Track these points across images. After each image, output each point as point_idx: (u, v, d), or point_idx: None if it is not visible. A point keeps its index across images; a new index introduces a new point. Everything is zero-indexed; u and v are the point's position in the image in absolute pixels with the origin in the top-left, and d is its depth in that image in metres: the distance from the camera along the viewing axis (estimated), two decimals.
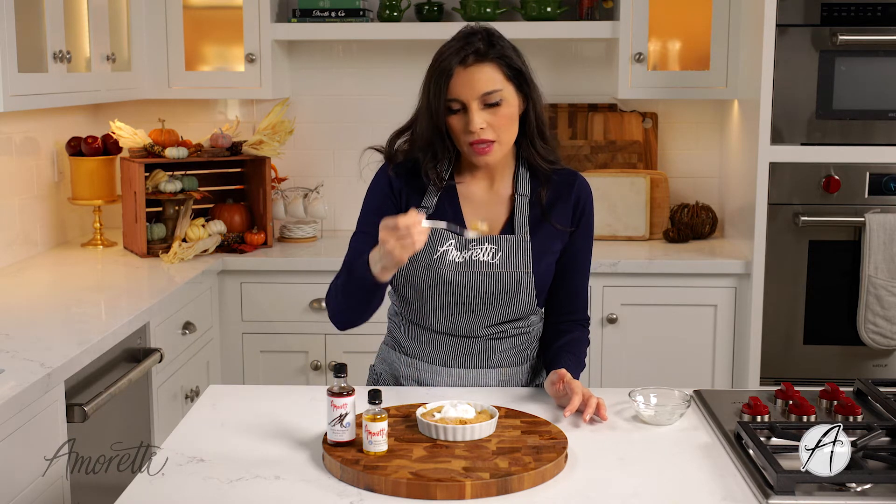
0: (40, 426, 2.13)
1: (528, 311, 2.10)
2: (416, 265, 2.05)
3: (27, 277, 3.14)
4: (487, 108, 1.98)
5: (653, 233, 3.74)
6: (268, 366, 3.47)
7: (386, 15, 3.69)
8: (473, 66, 1.97)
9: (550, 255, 2.09)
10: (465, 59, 1.96)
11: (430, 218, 2.04)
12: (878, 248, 3.20)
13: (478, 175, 2.11)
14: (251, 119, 3.96)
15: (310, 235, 3.76)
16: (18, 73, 2.70)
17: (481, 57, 1.97)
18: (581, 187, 2.13)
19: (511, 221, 2.09)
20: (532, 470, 1.62)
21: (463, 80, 1.96)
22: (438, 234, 2.04)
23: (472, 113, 1.96)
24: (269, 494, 1.59)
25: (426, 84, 2.01)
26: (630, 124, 3.88)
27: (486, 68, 1.97)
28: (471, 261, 2.04)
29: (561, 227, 2.09)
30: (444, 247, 2.05)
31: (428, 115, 2.00)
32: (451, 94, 1.97)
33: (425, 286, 2.06)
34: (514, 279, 2.05)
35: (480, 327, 2.09)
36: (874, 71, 3.21)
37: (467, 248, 2.05)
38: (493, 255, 2.05)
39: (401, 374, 2.17)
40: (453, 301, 2.06)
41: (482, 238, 2.05)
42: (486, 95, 1.96)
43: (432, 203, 2.08)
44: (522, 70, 2.02)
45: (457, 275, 2.04)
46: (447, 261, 2.04)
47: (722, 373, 3.43)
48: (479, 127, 1.96)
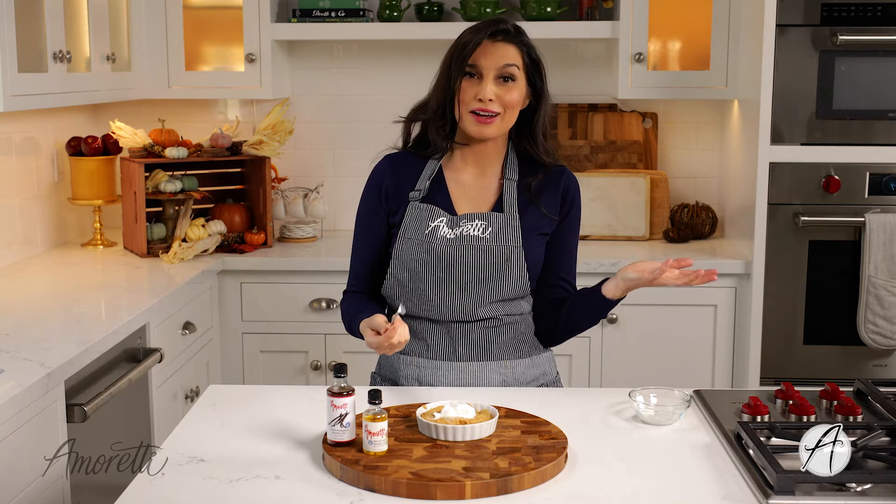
0: (40, 426, 2.13)
1: (520, 291, 2.12)
2: (409, 243, 2.11)
3: (27, 277, 3.14)
4: (500, 84, 2.07)
5: (653, 233, 3.74)
6: (268, 366, 3.47)
7: (386, 15, 3.69)
8: (501, 42, 2.09)
9: (538, 235, 2.15)
10: (495, 34, 2.10)
11: (423, 200, 2.14)
12: (878, 248, 3.20)
13: (468, 161, 2.18)
14: (251, 119, 3.96)
15: (310, 235, 3.76)
16: (18, 73, 2.70)
17: (509, 37, 2.10)
18: (569, 180, 2.21)
19: (499, 202, 2.15)
20: (532, 470, 1.62)
21: (487, 51, 2.08)
22: (428, 209, 2.12)
23: (486, 82, 2.07)
24: (269, 494, 1.59)
25: (448, 55, 2.13)
26: (630, 124, 3.88)
27: (510, 47, 2.10)
28: (462, 236, 2.10)
29: (547, 212, 2.16)
30: (434, 222, 2.11)
31: (445, 80, 2.11)
32: (472, 60, 2.08)
33: (418, 263, 2.10)
34: (505, 253, 2.10)
35: (475, 309, 2.10)
36: (874, 71, 3.21)
37: (458, 225, 2.11)
38: (483, 230, 2.11)
39: (400, 374, 2.18)
40: (446, 277, 2.09)
41: (472, 214, 2.12)
42: (504, 68, 2.07)
43: (425, 187, 2.15)
44: (540, 63, 2.13)
45: (449, 249, 2.09)
46: (438, 236, 2.10)
47: (722, 373, 3.43)
48: (489, 97, 2.06)
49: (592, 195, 3.65)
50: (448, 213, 2.13)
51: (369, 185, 2.21)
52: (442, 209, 2.13)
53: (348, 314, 2.18)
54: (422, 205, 2.13)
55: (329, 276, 3.42)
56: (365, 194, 2.22)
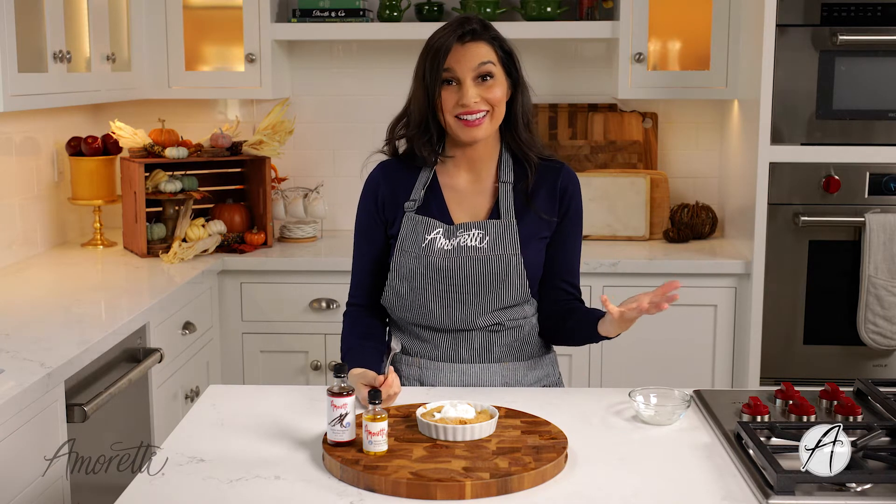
0: (40, 426, 2.13)
1: (521, 298, 2.11)
2: (406, 256, 2.09)
3: (27, 277, 3.14)
4: (480, 83, 2.05)
5: (653, 233, 3.74)
6: (268, 366, 3.47)
7: (386, 15, 3.69)
8: (470, 43, 2.06)
9: (538, 240, 2.12)
10: (462, 36, 2.06)
11: (417, 211, 2.12)
12: (878, 248, 3.20)
13: (462, 167, 2.15)
14: (251, 119, 3.96)
15: (310, 235, 3.75)
16: (18, 73, 2.70)
17: (477, 36, 2.07)
18: (567, 177, 2.16)
19: (496, 208, 2.12)
20: (532, 470, 1.62)
21: (459, 55, 2.05)
22: (424, 221, 2.10)
23: (466, 87, 2.04)
24: (269, 494, 1.59)
25: (420, 64, 2.09)
26: (630, 124, 3.88)
27: (481, 45, 2.07)
28: (459, 247, 2.08)
29: (545, 215, 2.12)
30: (431, 234, 2.09)
31: (423, 92, 2.07)
32: (447, 65, 2.05)
33: (416, 276, 2.08)
34: (504, 262, 2.07)
35: (475, 318, 2.09)
36: (874, 71, 3.21)
37: (455, 236, 2.09)
38: (480, 240, 2.08)
39: (402, 374, 2.17)
40: (445, 289, 2.07)
41: (469, 224, 2.10)
42: (481, 66, 2.04)
43: (420, 196, 2.13)
44: (513, 54, 2.11)
45: (446, 261, 2.07)
46: (435, 248, 2.08)
47: (722, 373, 3.43)
48: (472, 100, 2.03)
49: (592, 195, 3.65)
50: (444, 222, 2.11)
51: (364, 195, 2.19)
52: (438, 219, 2.11)
53: (346, 343, 2.18)
54: (417, 216, 2.11)
55: (329, 276, 3.42)
56: (361, 204, 2.20)
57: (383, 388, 1.91)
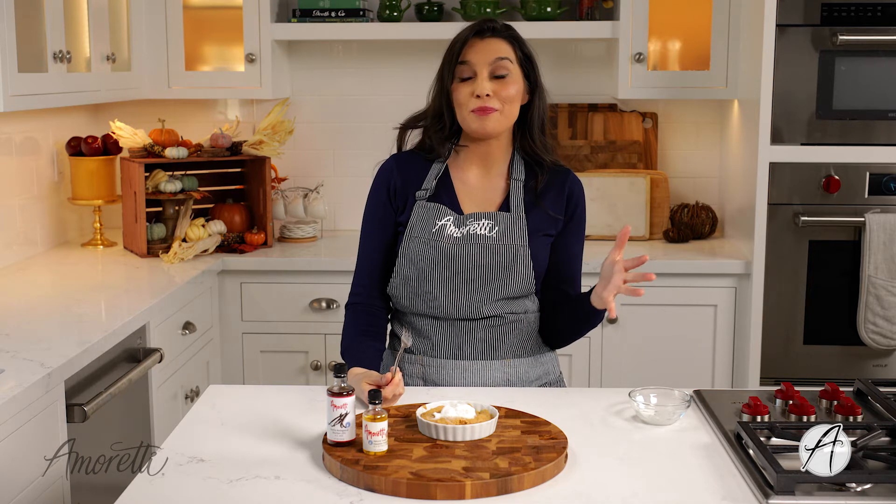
0: (40, 426, 2.13)
1: (526, 289, 2.13)
2: (416, 241, 2.12)
3: (27, 277, 3.14)
4: (495, 79, 2.08)
5: (653, 233, 3.74)
6: (268, 366, 3.47)
7: (386, 15, 3.69)
8: (489, 38, 2.10)
9: (544, 236, 2.15)
10: (482, 31, 2.10)
11: (429, 199, 2.14)
12: (878, 248, 3.20)
13: (474, 162, 2.18)
14: (251, 119, 3.96)
15: (310, 235, 3.76)
16: (18, 73, 2.70)
17: (497, 33, 2.11)
18: (574, 183, 2.21)
19: (506, 202, 2.16)
20: (532, 470, 1.62)
21: (477, 48, 2.09)
22: (436, 208, 2.13)
23: (481, 79, 2.07)
24: (269, 494, 1.59)
25: (442, 63, 2.13)
26: (630, 124, 3.88)
27: (500, 41, 2.11)
28: (468, 234, 2.11)
29: (553, 213, 2.16)
30: (441, 221, 2.12)
31: (439, 85, 2.12)
32: (463, 57, 2.08)
33: (424, 260, 2.11)
34: (511, 252, 2.10)
35: (480, 307, 2.10)
36: (874, 71, 3.21)
37: (465, 224, 2.12)
38: (489, 229, 2.11)
39: (405, 373, 2.18)
40: (452, 275, 2.10)
41: (479, 214, 2.13)
42: (497, 62, 2.07)
43: (431, 186, 2.16)
44: (532, 58, 2.14)
45: (455, 248, 2.10)
46: (445, 234, 2.10)
47: (722, 373, 3.43)
48: (485, 92, 2.06)
49: (592, 195, 3.65)
50: (455, 212, 2.14)
51: (376, 183, 2.21)
52: (449, 208, 2.14)
53: (345, 339, 2.19)
54: (429, 203, 2.14)
55: (329, 276, 3.42)
56: (372, 193, 2.21)
57: (390, 386, 1.92)
